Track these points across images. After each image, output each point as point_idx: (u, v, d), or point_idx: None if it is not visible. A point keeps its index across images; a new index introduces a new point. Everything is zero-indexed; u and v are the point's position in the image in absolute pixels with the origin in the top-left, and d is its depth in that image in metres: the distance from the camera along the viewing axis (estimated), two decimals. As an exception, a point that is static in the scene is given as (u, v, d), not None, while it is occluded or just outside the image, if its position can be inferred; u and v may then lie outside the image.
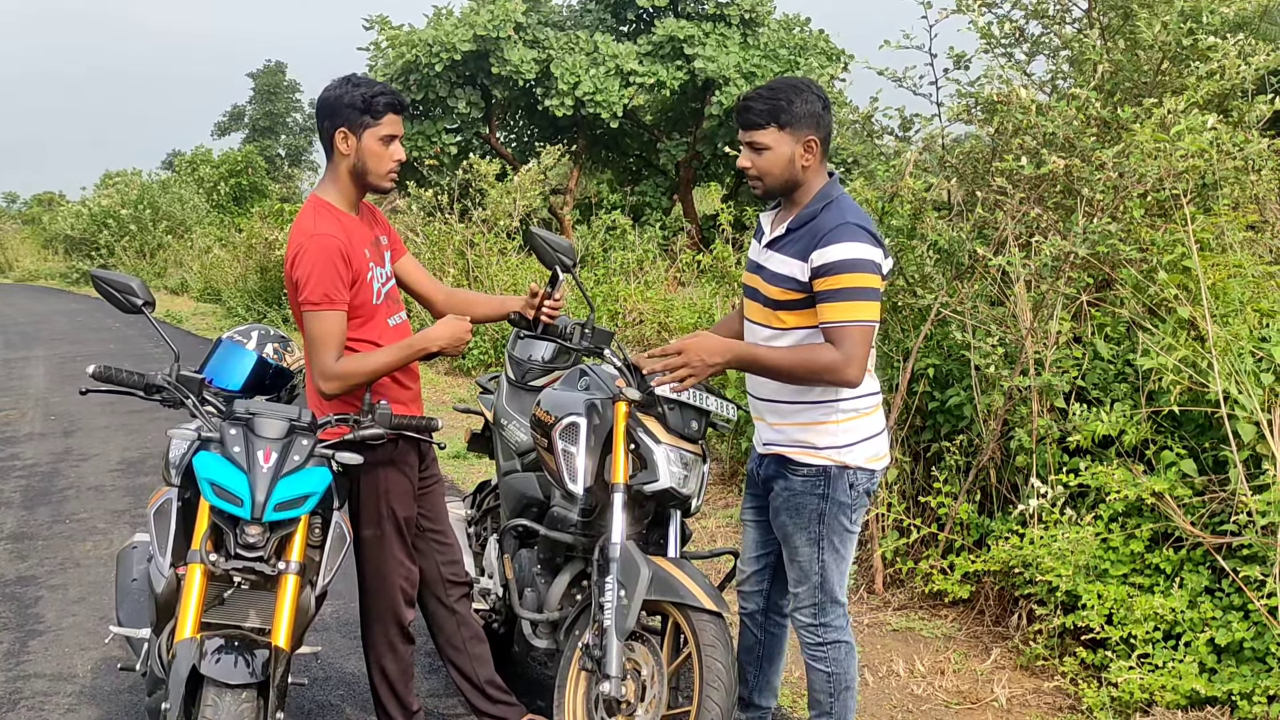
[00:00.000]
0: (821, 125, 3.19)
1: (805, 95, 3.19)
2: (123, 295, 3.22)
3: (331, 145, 3.38)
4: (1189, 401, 4.31)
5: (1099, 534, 4.39)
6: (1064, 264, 4.67)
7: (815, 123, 3.18)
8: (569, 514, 3.68)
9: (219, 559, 3.04)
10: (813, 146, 3.18)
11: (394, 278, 3.61)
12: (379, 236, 3.56)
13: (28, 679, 4.53)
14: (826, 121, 3.21)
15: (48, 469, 8.25)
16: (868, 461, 3.24)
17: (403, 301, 3.67)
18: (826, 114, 3.20)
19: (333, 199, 3.42)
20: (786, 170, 3.21)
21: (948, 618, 4.95)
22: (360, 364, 3.33)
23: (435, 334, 3.37)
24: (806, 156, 3.19)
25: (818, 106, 3.18)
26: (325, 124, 3.38)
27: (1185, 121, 4.61)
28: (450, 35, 16.77)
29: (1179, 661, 4.00)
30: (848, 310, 3.05)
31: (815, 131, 3.18)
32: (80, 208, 30.40)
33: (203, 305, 20.18)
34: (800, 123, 3.16)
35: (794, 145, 3.18)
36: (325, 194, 3.43)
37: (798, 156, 3.19)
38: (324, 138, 3.40)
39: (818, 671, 3.33)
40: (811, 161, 3.20)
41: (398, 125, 3.39)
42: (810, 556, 3.26)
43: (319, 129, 3.42)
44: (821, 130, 3.19)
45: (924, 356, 5.26)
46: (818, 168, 3.23)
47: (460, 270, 12.69)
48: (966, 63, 5.77)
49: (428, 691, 4.31)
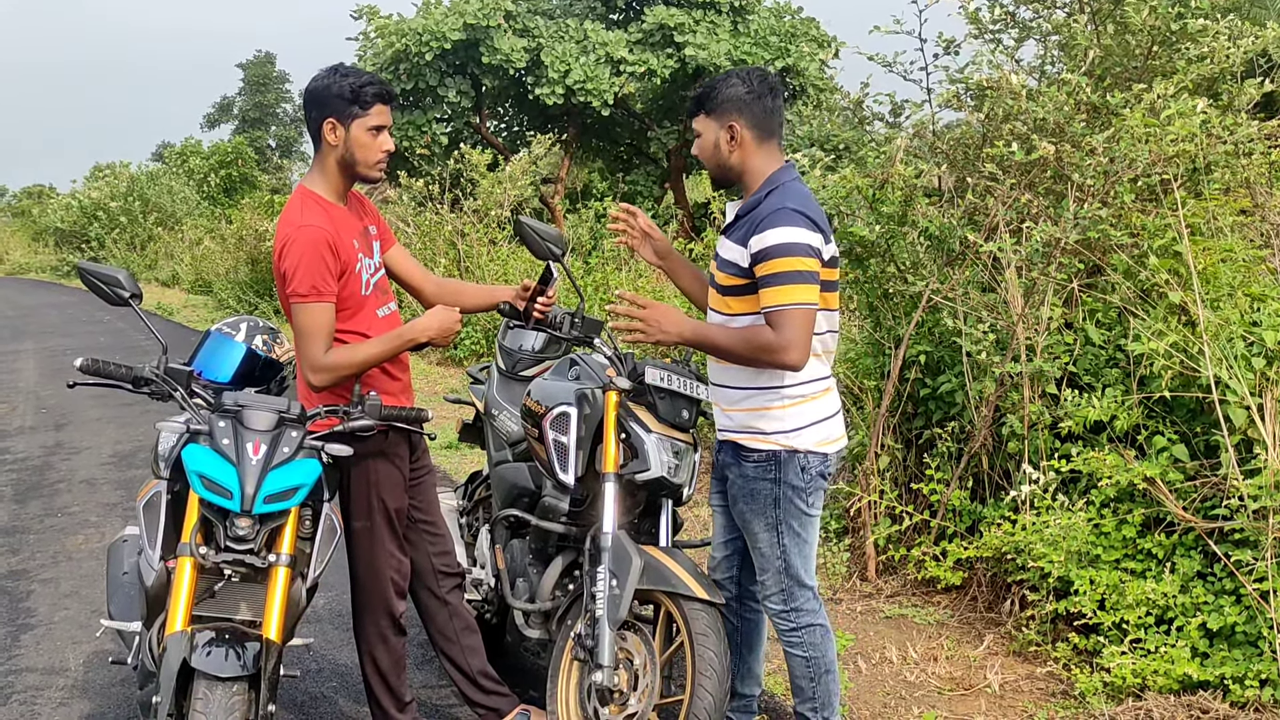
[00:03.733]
0: (746, 110, 3.22)
1: (729, 81, 3.26)
2: (109, 288, 3.20)
3: (319, 136, 3.36)
4: (1180, 386, 4.31)
5: (1091, 520, 4.39)
6: (1054, 250, 4.66)
7: (737, 108, 3.23)
8: (560, 504, 3.68)
9: (209, 552, 3.03)
10: (734, 130, 3.23)
11: (383, 268, 3.59)
12: (368, 226, 3.54)
13: (19, 673, 4.52)
14: (757, 107, 3.23)
15: (39, 462, 8.23)
16: (818, 445, 3.25)
17: (393, 292, 3.66)
18: (758, 100, 3.23)
19: (320, 190, 3.40)
20: (714, 155, 3.30)
21: (940, 604, 4.96)
22: (349, 355, 3.32)
23: (424, 324, 3.35)
24: (730, 142, 3.24)
25: (740, 91, 3.22)
26: (313, 114, 3.35)
27: (1175, 106, 4.60)
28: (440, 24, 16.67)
29: (1171, 646, 4.00)
30: (784, 294, 3.07)
31: (738, 116, 3.22)
32: (70, 200, 30.22)
33: (194, 297, 20.13)
34: (721, 108, 3.24)
35: (718, 130, 3.26)
36: (313, 185, 3.41)
37: (722, 142, 3.25)
38: (312, 128, 3.38)
39: (795, 657, 3.34)
40: (737, 147, 3.24)
41: (386, 115, 3.37)
42: (770, 542, 3.28)
43: (306, 119, 3.39)
44: (746, 115, 3.23)
45: (915, 343, 5.25)
46: (754, 152, 3.26)
47: (451, 260, 12.65)
48: (956, 48, 5.75)
49: (421, 683, 4.30)
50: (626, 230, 3.59)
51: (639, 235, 3.60)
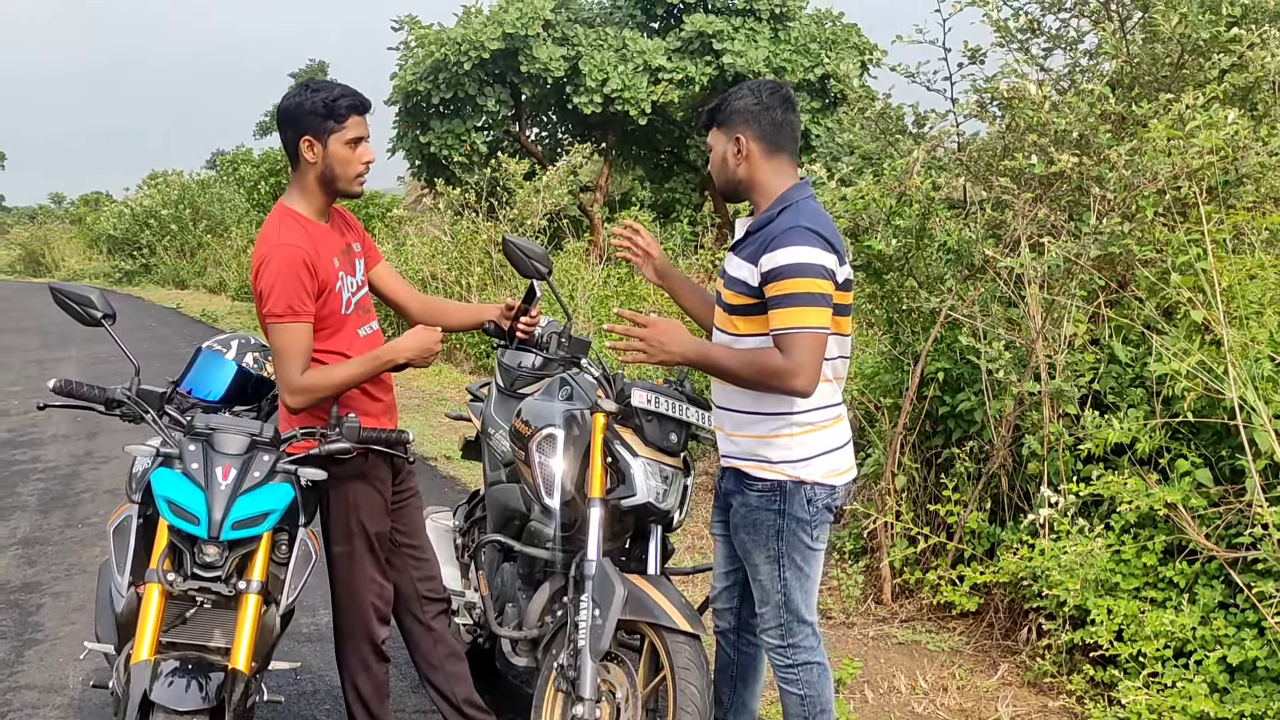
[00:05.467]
0: (754, 122, 3.09)
1: (739, 92, 3.13)
2: (81, 308, 3.16)
3: (297, 154, 3.28)
4: (1204, 408, 4.13)
5: (1110, 546, 4.23)
6: (1074, 265, 4.50)
7: (744, 119, 3.10)
8: (545, 529, 3.58)
9: (176, 579, 2.97)
10: (740, 143, 3.10)
11: (366, 286, 3.52)
12: (350, 244, 3.46)
13: (18, 690, 4.50)
14: (765, 119, 3.09)
15: (67, 472, 8.27)
16: (826, 477, 3.10)
17: (374, 310, 3.58)
18: (766, 112, 3.09)
19: (300, 208, 3.33)
20: (722, 169, 3.17)
21: (956, 630, 4.80)
22: (326, 377, 3.24)
23: (403, 345, 3.27)
24: (737, 154, 3.11)
25: (748, 102, 3.09)
26: (288, 133, 3.28)
27: (1201, 117, 4.42)
28: (479, 34, 16.72)
29: (1189, 681, 3.83)
30: (794, 316, 2.92)
31: (745, 128, 3.09)
32: (123, 208, 30.66)
33: (238, 304, 20.29)
34: (730, 120, 3.12)
35: (726, 143, 3.14)
36: (292, 203, 3.34)
37: (729, 155, 3.13)
38: (288, 147, 3.31)
39: (791, 695, 3.19)
40: (744, 160, 3.11)
41: (363, 126, 3.30)
42: (771, 575, 3.14)
43: (283, 139, 3.32)
44: (754, 126, 3.09)
45: (933, 360, 5.10)
46: (762, 165, 3.11)
47: (485, 270, 12.62)
48: (981, 57, 5.60)
49: (414, 707, 4.22)
50: (629, 246, 3.49)
51: (641, 253, 3.49)
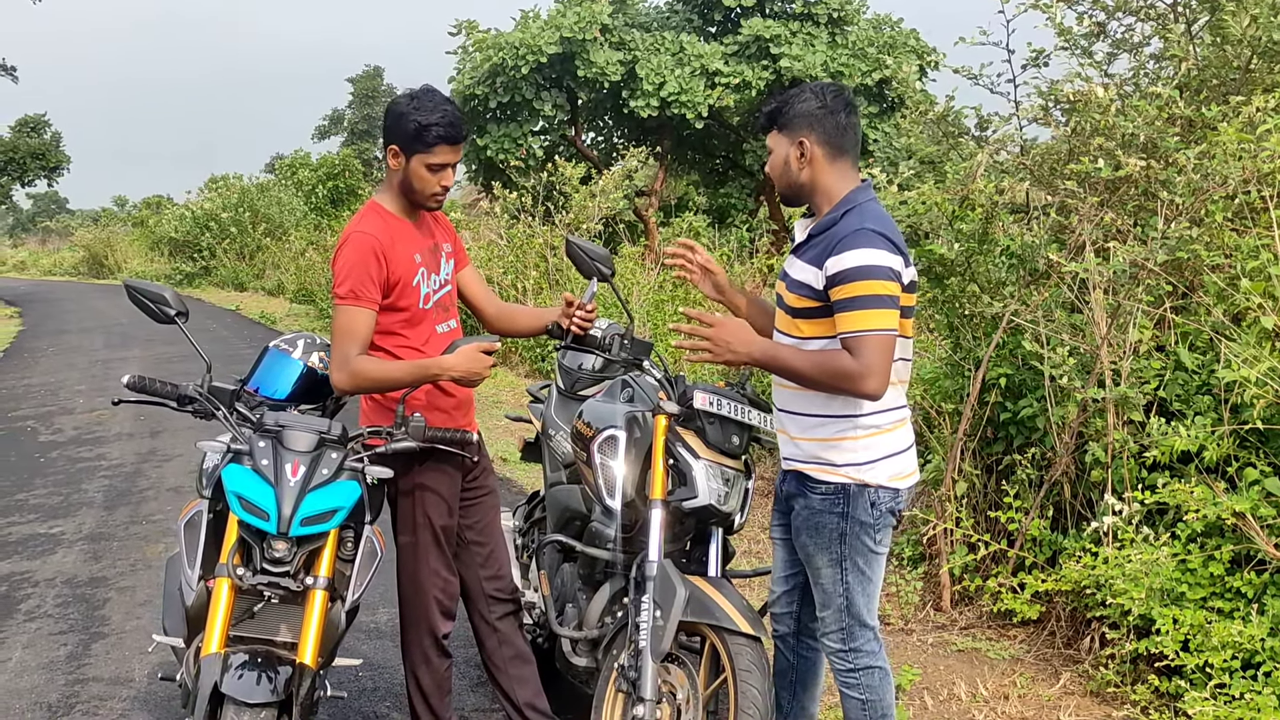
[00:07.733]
0: (818, 125, 3.08)
1: (802, 95, 3.12)
2: (156, 305, 3.24)
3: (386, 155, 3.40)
4: (1273, 416, 4.06)
5: (1176, 555, 4.16)
6: (1140, 270, 4.44)
7: (808, 123, 3.08)
8: (607, 530, 3.59)
9: (245, 574, 3.02)
10: (803, 147, 3.08)
11: (450, 285, 3.59)
12: (440, 244, 3.56)
13: (85, 683, 4.59)
14: (829, 123, 3.08)
15: (131, 469, 8.43)
16: (890, 480, 3.09)
17: (457, 310, 3.65)
18: (830, 115, 3.08)
19: (386, 203, 3.47)
20: (784, 173, 3.15)
21: (1016, 638, 4.75)
22: (375, 368, 3.32)
23: (450, 363, 3.31)
24: (800, 158, 3.10)
25: (812, 105, 3.08)
26: (385, 135, 3.41)
27: (1272, 120, 4.35)
28: (536, 38, 16.80)
29: (1257, 693, 3.76)
30: (863, 319, 2.92)
31: (808, 132, 3.08)
32: (184, 211, 31.13)
33: (296, 306, 20.53)
34: (793, 123, 3.10)
35: (788, 147, 3.12)
36: (381, 198, 3.49)
37: (792, 158, 3.11)
38: (384, 145, 3.42)
39: (851, 700, 3.18)
40: (807, 164, 3.10)
41: (449, 154, 3.37)
42: (833, 579, 3.13)
43: (383, 134, 3.45)
44: (818, 130, 3.08)
45: (995, 366, 5.05)
46: (826, 170, 3.10)
47: (541, 274, 12.68)
48: (1045, 59, 5.55)
49: (473, 705, 4.25)
50: (684, 265, 3.49)
51: (698, 270, 3.48)
